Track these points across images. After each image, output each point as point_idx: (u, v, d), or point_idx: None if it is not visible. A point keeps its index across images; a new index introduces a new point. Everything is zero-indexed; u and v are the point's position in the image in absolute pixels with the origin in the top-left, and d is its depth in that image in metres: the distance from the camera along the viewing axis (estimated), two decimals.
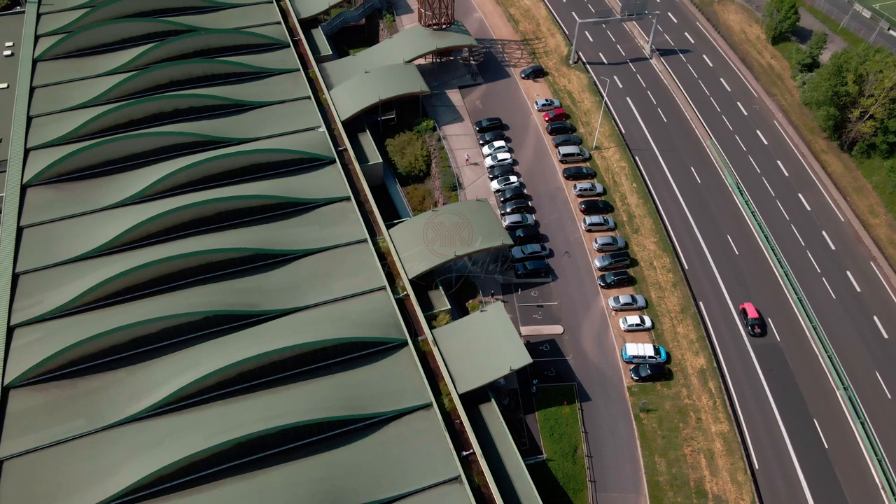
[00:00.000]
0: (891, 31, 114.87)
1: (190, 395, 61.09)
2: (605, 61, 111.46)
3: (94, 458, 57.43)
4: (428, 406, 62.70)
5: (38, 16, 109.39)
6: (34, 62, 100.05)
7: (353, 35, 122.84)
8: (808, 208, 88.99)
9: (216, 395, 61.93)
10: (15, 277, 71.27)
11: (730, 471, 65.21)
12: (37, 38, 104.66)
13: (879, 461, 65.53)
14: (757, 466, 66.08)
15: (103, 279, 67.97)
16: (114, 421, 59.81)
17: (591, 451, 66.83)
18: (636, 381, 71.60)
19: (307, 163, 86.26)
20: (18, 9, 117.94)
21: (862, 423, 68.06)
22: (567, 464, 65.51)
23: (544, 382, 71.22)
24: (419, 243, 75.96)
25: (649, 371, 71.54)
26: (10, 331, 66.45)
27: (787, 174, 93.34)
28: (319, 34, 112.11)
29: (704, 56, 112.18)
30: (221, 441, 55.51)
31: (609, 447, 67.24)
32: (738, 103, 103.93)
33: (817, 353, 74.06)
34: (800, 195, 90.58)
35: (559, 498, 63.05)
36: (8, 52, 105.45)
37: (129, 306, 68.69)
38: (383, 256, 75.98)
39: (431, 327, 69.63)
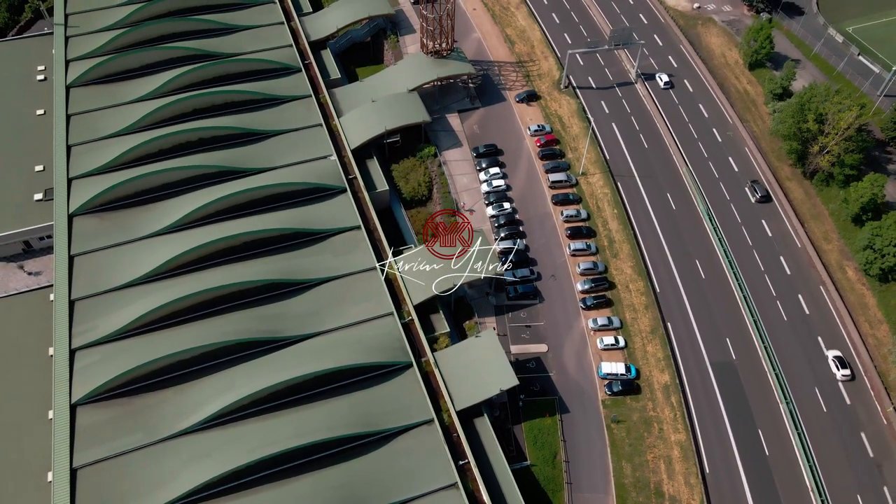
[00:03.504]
0: (860, 57, 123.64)
1: (230, 412, 72.42)
2: (594, 85, 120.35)
3: (153, 467, 69.09)
4: (430, 422, 74.24)
5: (66, 39, 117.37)
6: (67, 89, 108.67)
7: (359, 53, 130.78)
8: (770, 234, 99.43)
9: (252, 412, 73.27)
10: (71, 304, 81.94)
11: (684, 475, 77.31)
12: (67, 63, 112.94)
13: (811, 467, 77.63)
14: (707, 471, 78.19)
15: (151, 307, 78.68)
16: (167, 434, 71.31)
17: (569, 456, 78.72)
18: (609, 395, 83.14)
19: (321, 192, 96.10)
20: (46, 30, 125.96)
21: (799, 434, 79.97)
22: (548, 468, 77.49)
23: (530, 396, 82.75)
24: (423, 271, 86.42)
25: (620, 387, 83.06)
26: (72, 353, 77.51)
27: (752, 201, 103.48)
28: (328, 56, 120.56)
29: (685, 81, 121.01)
30: (263, 455, 67.08)
31: (584, 453, 79.11)
32: (714, 129, 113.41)
33: (767, 370, 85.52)
34: (763, 222, 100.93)
35: (541, 498, 75.17)
36: (41, 77, 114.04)
37: (172, 331, 79.50)
38: (390, 283, 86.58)
39: (433, 349, 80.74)
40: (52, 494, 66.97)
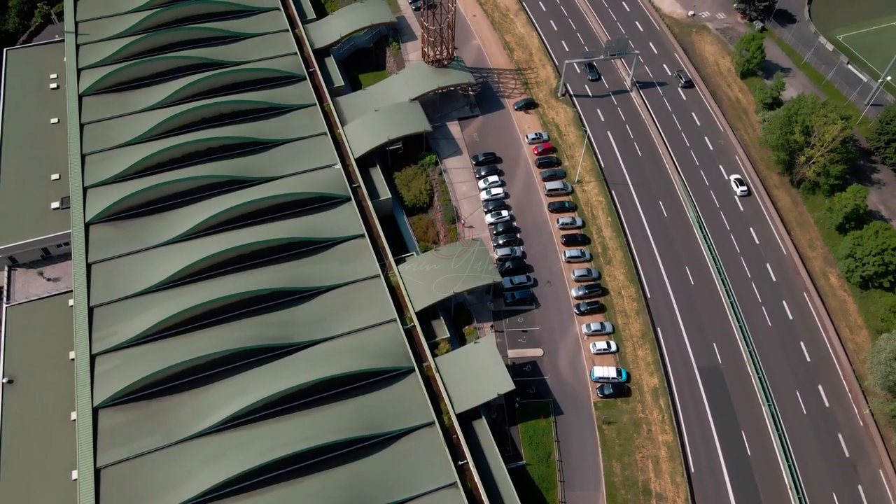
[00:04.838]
0: (849, 66, 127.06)
1: (243, 416, 76.98)
2: (590, 93, 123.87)
3: (172, 468, 73.71)
4: (431, 424, 78.79)
5: (77, 47, 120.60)
6: (80, 97, 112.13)
7: (362, 59, 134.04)
8: (757, 241, 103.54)
9: (263, 415, 77.81)
10: (90, 311, 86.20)
11: (670, 474, 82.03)
12: (79, 71, 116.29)
13: (790, 466, 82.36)
14: (693, 470, 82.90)
15: (167, 315, 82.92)
16: (184, 436, 75.85)
17: (562, 456, 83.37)
18: (601, 398, 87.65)
19: (326, 200, 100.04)
20: (57, 36, 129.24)
21: (780, 435, 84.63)
22: (542, 467, 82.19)
23: (526, 399, 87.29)
24: (423, 279, 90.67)
25: (612, 390, 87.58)
26: (93, 358, 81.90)
27: (742, 209, 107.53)
28: (332, 63, 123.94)
29: (679, 90, 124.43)
30: (275, 457, 71.65)
31: (576, 453, 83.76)
32: (706, 138, 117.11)
33: (751, 374, 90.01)
34: (751, 229, 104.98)
35: (535, 496, 79.93)
36: (53, 85, 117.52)
37: (187, 337, 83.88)
38: (394, 290, 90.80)
39: (434, 354, 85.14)
40: (78, 494, 71.58)
